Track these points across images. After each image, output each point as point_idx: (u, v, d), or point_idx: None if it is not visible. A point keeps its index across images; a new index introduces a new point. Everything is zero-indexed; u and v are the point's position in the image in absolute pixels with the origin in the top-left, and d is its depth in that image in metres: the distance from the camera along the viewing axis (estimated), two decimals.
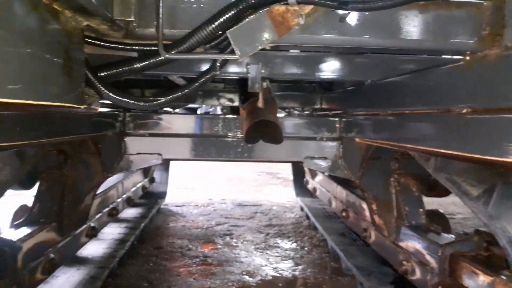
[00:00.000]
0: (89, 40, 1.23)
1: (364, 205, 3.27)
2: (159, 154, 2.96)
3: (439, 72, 1.61)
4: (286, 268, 3.66)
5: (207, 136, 2.98)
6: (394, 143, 2.14)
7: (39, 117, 1.39)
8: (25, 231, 2.49)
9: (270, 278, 3.42)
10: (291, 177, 6.18)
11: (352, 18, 1.33)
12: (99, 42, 1.26)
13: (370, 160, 2.83)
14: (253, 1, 1.22)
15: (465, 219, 5.22)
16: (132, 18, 1.15)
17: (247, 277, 3.41)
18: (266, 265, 3.71)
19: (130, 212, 4.85)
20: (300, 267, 3.69)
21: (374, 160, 2.85)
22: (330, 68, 2.26)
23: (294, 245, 4.26)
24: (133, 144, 2.98)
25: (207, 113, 5.45)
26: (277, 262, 3.79)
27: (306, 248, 4.18)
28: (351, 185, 3.79)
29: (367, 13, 1.33)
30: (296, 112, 4.28)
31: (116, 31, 1.21)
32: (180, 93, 1.43)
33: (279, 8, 1.25)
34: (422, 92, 1.80)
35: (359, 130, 2.80)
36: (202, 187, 7.19)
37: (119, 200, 4.26)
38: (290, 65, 2.23)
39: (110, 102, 1.38)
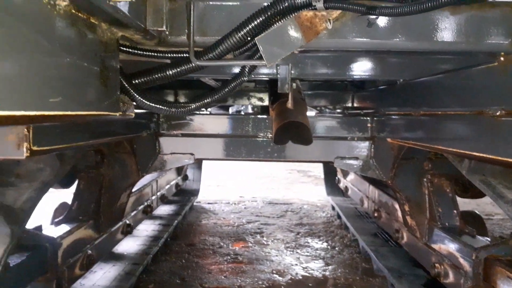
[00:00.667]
0: (123, 48, 1.29)
1: (396, 206, 3.22)
2: (192, 154, 3.03)
3: (472, 73, 1.57)
4: (316, 267, 3.66)
5: (238, 136, 3.02)
6: (427, 144, 2.10)
7: (77, 122, 1.46)
8: (64, 228, 2.61)
9: (300, 277, 3.43)
10: (322, 175, 6.14)
11: (381, 21, 1.32)
12: (133, 50, 1.32)
13: (402, 161, 2.79)
14: (281, 8, 1.24)
15: (503, 220, 5.04)
16: (164, 28, 1.20)
17: (277, 276, 3.44)
18: (296, 264, 3.72)
19: (164, 209, 4.96)
20: (330, 267, 3.68)
21: (406, 160, 2.80)
22: (361, 68, 2.24)
23: (324, 245, 4.25)
24: (167, 144, 3.06)
25: (238, 111, 5.51)
26: (307, 262, 3.79)
27: (337, 248, 4.16)
28: (383, 185, 3.74)
29: None
30: (327, 110, 4.26)
31: (149, 40, 1.26)
32: (210, 99, 1.47)
33: (307, 13, 1.26)
34: (454, 92, 1.76)
35: (391, 130, 2.76)
36: (233, 185, 7.27)
37: (153, 197, 4.38)
38: (320, 65, 2.22)
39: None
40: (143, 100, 1.35)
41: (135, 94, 1.31)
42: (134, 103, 1.35)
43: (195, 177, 6.00)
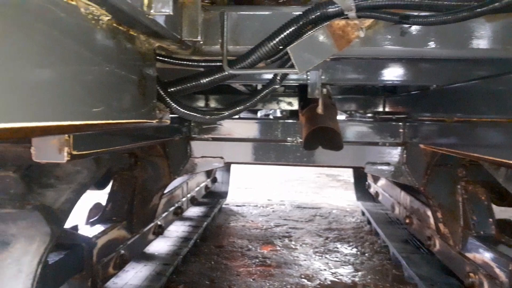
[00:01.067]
0: (160, 58, 1.33)
1: (429, 213, 3.15)
2: (221, 158, 3.07)
3: (508, 79, 1.53)
4: (345, 273, 3.63)
5: (267, 141, 3.04)
6: (461, 151, 2.05)
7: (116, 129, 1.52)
8: (99, 228, 2.70)
9: (329, 283, 3.41)
10: (352, 179, 6.07)
11: (415, 29, 1.31)
12: (168, 60, 1.36)
13: (435, 167, 2.73)
14: (313, 17, 1.25)
15: None
16: (199, 39, 1.23)
17: (305, 281, 3.43)
18: (325, 270, 3.70)
19: (194, 211, 5.04)
20: (360, 273, 3.64)
21: (439, 167, 2.75)
22: (393, 74, 2.21)
23: (354, 251, 4.21)
24: (198, 148, 3.12)
25: (267, 115, 5.53)
26: (336, 267, 3.76)
27: (367, 254, 4.11)
28: (415, 191, 3.67)
29: None
30: (357, 114, 4.21)
31: (184, 49, 1.30)
32: (242, 107, 1.50)
33: (339, 22, 1.26)
34: (490, 99, 1.72)
35: (424, 135, 2.71)
36: (261, 188, 7.29)
37: (183, 199, 4.46)
38: (351, 70, 2.21)
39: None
40: (179, 108, 1.39)
41: (171, 102, 1.36)
42: (170, 111, 1.39)
43: (224, 179, 6.06)
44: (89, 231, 2.66)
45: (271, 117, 5.35)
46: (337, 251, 4.18)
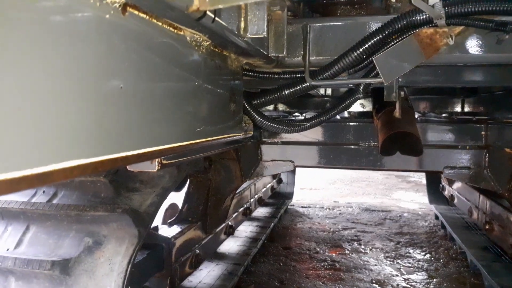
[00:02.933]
0: (245, 72, 1.38)
1: None
2: (291, 162, 3.09)
3: None
4: (419, 280, 3.50)
5: (338, 144, 3.00)
6: None
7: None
8: (177, 228, 2.84)
9: None
10: (423, 181, 5.83)
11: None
12: (252, 74, 1.40)
13: None
14: (399, 26, 1.22)
15: None
16: (284, 54, 1.25)
17: (377, 286, 3.36)
18: (397, 275, 3.59)
19: (261, 211, 5.11)
20: (434, 280, 3.49)
21: None
22: (475, 75, 2.09)
23: (427, 256, 4.04)
24: (268, 151, 3.16)
25: None
26: (409, 273, 3.64)
27: (441, 260, 3.93)
28: (495, 195, 3.44)
29: None
30: (431, 114, 4.03)
31: (268, 64, 1.33)
32: (324, 118, 1.51)
33: (427, 30, 1.23)
34: None
35: (510, 139, 2.54)
36: (327, 189, 7.21)
37: (251, 200, 4.55)
38: (430, 73, 2.12)
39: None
40: (263, 120, 1.43)
41: (255, 115, 1.40)
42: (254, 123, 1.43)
43: (289, 180, 6.08)
44: (167, 231, 2.80)
45: (337, 117, 5.26)
46: (409, 256, 4.04)
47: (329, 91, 3.18)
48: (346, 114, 5.06)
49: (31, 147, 0.43)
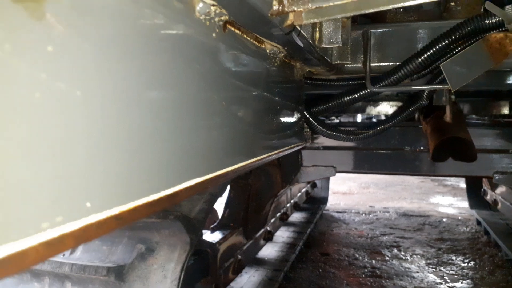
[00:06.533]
0: (306, 80, 1.37)
1: None
2: (333, 167, 3.05)
3: None
4: None
5: (382, 149, 2.95)
6: None
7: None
8: (219, 234, 2.85)
9: None
10: (460, 185, 5.66)
11: None
12: (310, 81, 1.39)
13: None
14: (467, 31, 1.19)
15: None
16: (349, 61, 1.24)
17: None
18: (441, 283, 3.49)
19: (296, 216, 5.08)
20: None
21: None
22: None
23: (471, 264, 3.91)
24: (309, 157, 3.13)
25: (369, 118, 5.36)
26: (453, 281, 3.53)
27: (487, 268, 3.79)
28: None
29: None
30: (473, 116, 3.90)
31: (329, 71, 1.32)
32: (386, 125, 1.48)
33: (496, 35, 1.18)
34: None
35: None
36: (361, 193, 7.10)
37: (288, 205, 4.53)
38: (483, 75, 2.06)
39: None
40: (322, 128, 1.41)
41: (315, 123, 1.39)
42: (313, 132, 1.42)
43: (323, 185, 6.01)
44: (210, 237, 2.82)
45: (374, 120, 5.18)
46: (452, 263, 3.92)
47: None
48: (383, 117, 4.99)
49: (164, 169, 0.43)
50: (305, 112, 1.36)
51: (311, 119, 1.38)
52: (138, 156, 0.41)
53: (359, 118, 4.76)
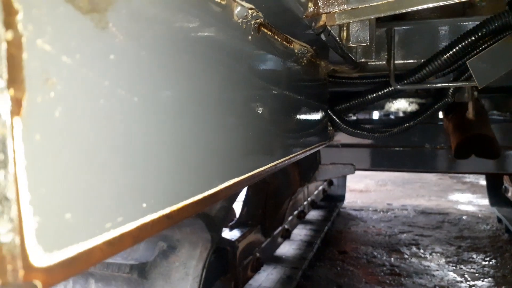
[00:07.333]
0: (329, 78, 1.37)
1: None
2: (352, 165, 3.04)
3: None
4: (485, 287, 3.35)
5: (402, 146, 2.92)
6: None
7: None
8: (238, 232, 2.87)
9: None
10: (480, 182, 5.57)
11: None
12: (333, 79, 1.39)
13: None
14: (493, 27, 1.17)
15: None
16: (373, 59, 1.24)
17: None
18: (461, 282, 3.45)
19: (313, 214, 5.07)
20: (503, 287, 3.32)
21: None
22: None
23: (493, 262, 3.85)
24: (327, 154, 3.13)
25: (386, 115, 5.31)
26: (474, 279, 3.49)
27: (508, 267, 3.73)
28: None
29: None
30: (494, 112, 3.84)
31: (353, 69, 1.32)
32: (412, 123, 1.47)
33: None
34: None
35: None
36: (378, 191, 7.05)
37: (305, 203, 4.52)
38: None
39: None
40: (346, 127, 1.41)
41: (339, 121, 1.38)
42: (336, 130, 1.42)
43: (340, 182, 5.98)
44: (229, 234, 2.84)
45: (391, 117, 5.13)
46: (473, 261, 3.87)
47: None
48: (401, 114, 4.94)
49: (208, 171, 0.44)
50: (329, 111, 1.36)
51: (334, 117, 1.38)
52: (187, 158, 0.42)
53: (375, 115, 4.71)
